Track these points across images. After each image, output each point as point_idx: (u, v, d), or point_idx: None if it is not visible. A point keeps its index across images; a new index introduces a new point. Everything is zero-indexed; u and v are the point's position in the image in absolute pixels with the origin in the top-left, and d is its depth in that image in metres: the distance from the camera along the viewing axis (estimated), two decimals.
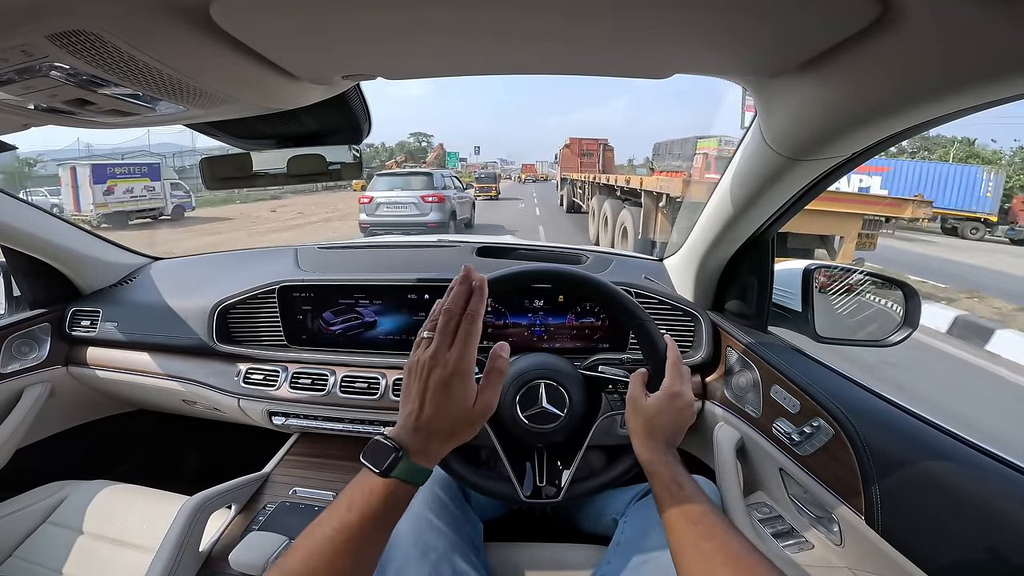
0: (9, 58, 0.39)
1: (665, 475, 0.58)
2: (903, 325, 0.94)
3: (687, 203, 5.11)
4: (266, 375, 1.15)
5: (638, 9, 0.40)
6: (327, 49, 0.49)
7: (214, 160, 0.90)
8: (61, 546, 0.98)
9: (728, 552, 0.47)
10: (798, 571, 0.73)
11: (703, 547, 0.49)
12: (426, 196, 8.28)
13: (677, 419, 0.65)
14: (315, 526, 0.44)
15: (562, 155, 17.86)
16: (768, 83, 0.57)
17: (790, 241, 5.14)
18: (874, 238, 5.23)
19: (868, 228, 5.14)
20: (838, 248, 5.22)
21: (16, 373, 1.20)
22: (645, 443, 0.63)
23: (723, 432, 0.97)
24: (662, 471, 0.59)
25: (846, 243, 5.12)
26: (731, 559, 0.47)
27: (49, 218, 1.22)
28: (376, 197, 8.35)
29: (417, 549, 0.70)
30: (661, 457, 0.61)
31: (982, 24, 0.34)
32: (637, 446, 0.64)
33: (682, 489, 0.56)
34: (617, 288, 0.74)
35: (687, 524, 0.52)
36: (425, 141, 49.71)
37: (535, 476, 0.77)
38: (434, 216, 8.25)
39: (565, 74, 0.58)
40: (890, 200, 5.57)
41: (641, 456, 0.63)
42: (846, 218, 4.98)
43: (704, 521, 0.52)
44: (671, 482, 0.57)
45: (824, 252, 5.38)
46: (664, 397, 0.65)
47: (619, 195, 7.63)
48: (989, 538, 0.54)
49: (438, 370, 0.47)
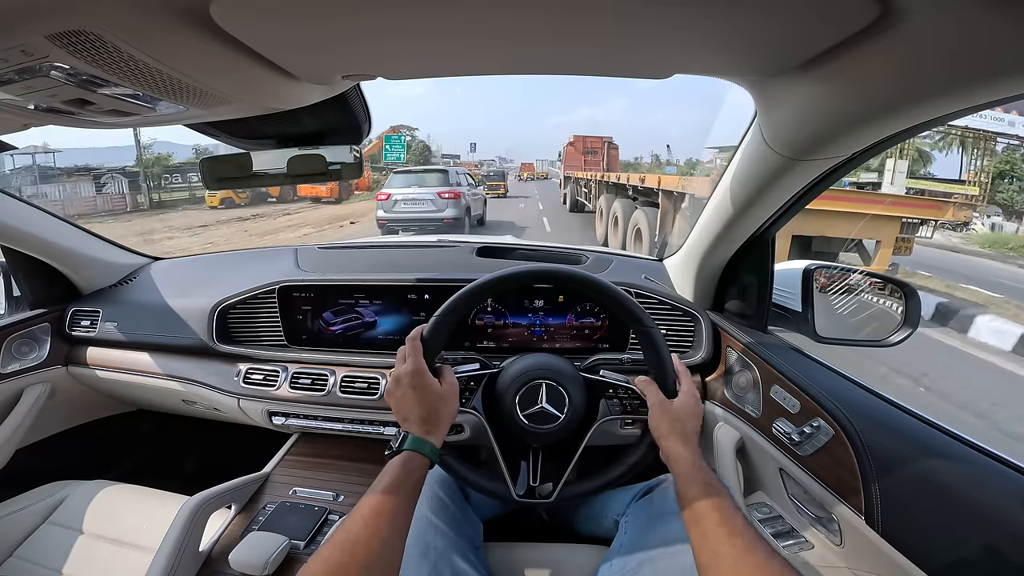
0: (9, 58, 0.39)
1: (704, 478, 0.61)
2: (903, 325, 0.93)
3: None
4: (266, 375, 1.15)
5: (638, 9, 0.40)
6: (327, 49, 0.49)
7: (214, 160, 0.90)
8: (61, 546, 0.98)
9: (768, 570, 0.49)
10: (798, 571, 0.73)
11: (747, 560, 0.50)
12: (442, 192, 8.35)
13: (698, 422, 0.71)
14: (354, 510, 0.54)
15: (566, 153, 17.49)
16: (768, 83, 0.57)
17: (815, 245, 4.77)
18: (911, 242, 4.90)
19: (906, 232, 4.78)
20: (873, 253, 4.88)
21: (16, 373, 1.20)
22: (684, 444, 0.67)
23: (723, 432, 0.97)
24: (701, 470, 0.62)
25: (882, 248, 4.79)
26: (760, 563, 0.49)
27: (49, 218, 1.22)
28: (393, 194, 8.42)
29: (417, 548, 0.70)
30: (698, 457, 0.65)
31: (982, 24, 0.35)
32: (677, 448, 0.66)
33: (720, 494, 0.58)
34: (625, 293, 0.74)
35: (728, 535, 0.53)
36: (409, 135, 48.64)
37: (529, 476, 0.77)
38: (450, 212, 8.32)
39: (565, 74, 0.58)
40: (931, 201, 5.27)
41: (681, 456, 0.65)
42: (884, 221, 4.63)
43: (745, 533, 0.53)
44: (709, 485, 0.59)
45: (855, 257, 5.06)
46: (690, 400, 0.72)
47: (631, 195, 7.25)
48: (988, 537, 0.54)
49: (405, 375, 0.66)
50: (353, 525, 0.52)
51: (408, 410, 0.65)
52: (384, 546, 0.51)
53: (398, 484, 0.57)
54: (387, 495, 0.55)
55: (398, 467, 0.59)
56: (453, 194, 8.41)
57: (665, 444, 0.68)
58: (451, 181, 8.67)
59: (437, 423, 0.65)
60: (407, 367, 0.67)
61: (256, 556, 0.83)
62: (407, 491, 0.58)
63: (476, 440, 1.09)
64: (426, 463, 0.62)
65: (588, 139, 17.55)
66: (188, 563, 0.84)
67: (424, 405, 0.65)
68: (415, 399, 0.65)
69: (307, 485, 1.08)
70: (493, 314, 1.13)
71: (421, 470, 0.61)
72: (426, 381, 0.66)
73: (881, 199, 4.91)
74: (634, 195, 7.11)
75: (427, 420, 0.65)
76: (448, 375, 0.70)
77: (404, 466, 0.59)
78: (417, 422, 0.64)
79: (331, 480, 1.10)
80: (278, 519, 0.96)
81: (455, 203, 8.38)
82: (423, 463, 0.62)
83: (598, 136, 17.81)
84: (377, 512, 0.53)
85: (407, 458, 0.60)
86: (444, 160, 40.64)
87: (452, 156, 53.48)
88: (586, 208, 12.11)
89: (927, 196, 6.51)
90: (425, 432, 0.64)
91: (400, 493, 0.56)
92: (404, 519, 0.56)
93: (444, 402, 0.67)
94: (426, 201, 8.33)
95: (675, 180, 5.53)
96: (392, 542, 0.53)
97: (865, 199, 4.86)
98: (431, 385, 0.66)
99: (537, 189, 23.10)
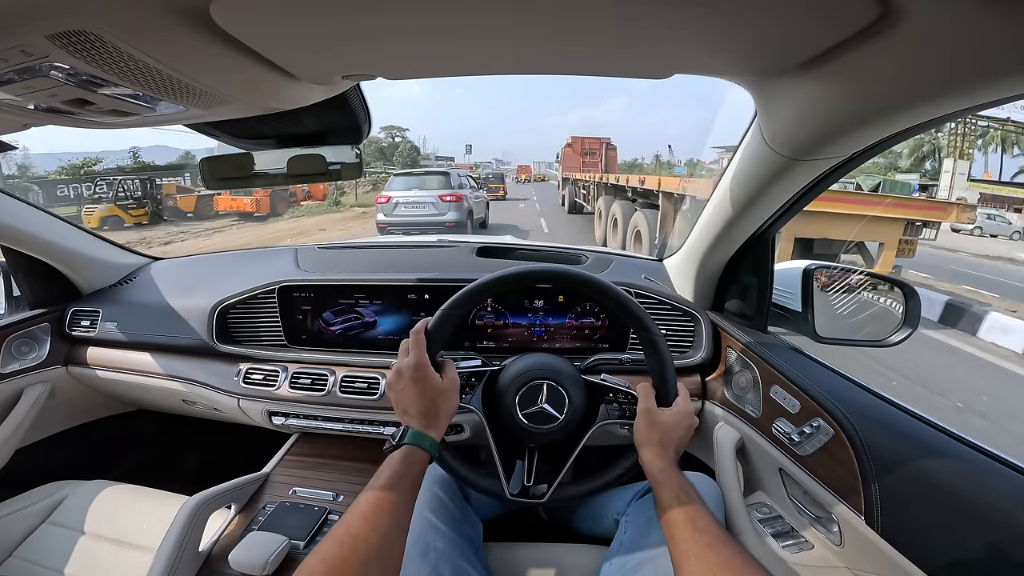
0: (9, 58, 0.39)
1: (675, 484, 0.62)
2: (903, 325, 0.94)
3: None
4: (266, 375, 1.15)
5: (638, 10, 0.40)
6: (327, 49, 0.49)
7: (214, 160, 0.90)
8: (61, 546, 0.98)
9: (732, 565, 0.50)
10: (798, 571, 0.73)
11: (708, 557, 0.51)
12: (444, 195, 8.09)
13: (686, 435, 0.72)
14: (353, 505, 0.54)
15: (564, 154, 17.43)
16: (768, 83, 0.57)
17: (816, 247, 4.73)
18: (914, 244, 4.90)
19: (909, 233, 4.76)
20: (876, 256, 4.88)
21: (16, 373, 1.20)
22: (659, 454, 0.67)
23: (723, 432, 0.97)
24: (673, 480, 0.63)
25: (886, 250, 4.78)
26: (724, 561, 0.50)
27: (49, 218, 1.22)
28: (394, 197, 8.17)
29: (417, 549, 0.70)
30: (672, 468, 0.66)
31: (982, 24, 0.35)
32: (649, 456, 0.67)
33: (691, 499, 0.59)
34: (628, 296, 0.74)
35: (694, 533, 0.55)
36: (399, 136, 46.51)
37: (524, 475, 0.77)
38: (452, 215, 8.07)
39: (565, 74, 0.58)
40: (934, 203, 5.25)
41: (652, 465, 0.66)
42: (888, 223, 4.62)
43: (710, 531, 0.55)
44: (680, 491, 0.60)
45: (858, 259, 5.04)
46: (680, 414, 0.71)
47: (630, 196, 7.30)
48: (988, 537, 0.54)
49: (407, 368, 0.66)
50: (353, 520, 0.52)
51: (408, 403, 0.65)
52: (384, 540, 0.51)
53: (398, 479, 0.57)
54: (387, 490, 0.55)
55: (398, 462, 0.59)
56: (455, 197, 8.16)
57: (641, 451, 0.69)
58: (453, 184, 8.42)
59: (437, 417, 0.65)
60: (410, 360, 0.66)
61: (256, 556, 0.83)
62: (407, 486, 0.57)
63: (476, 440, 1.09)
64: (426, 457, 0.62)
65: (586, 140, 17.57)
66: (188, 563, 0.84)
67: (425, 399, 0.65)
68: (416, 392, 0.65)
69: (307, 485, 1.08)
70: (493, 314, 1.13)
71: (421, 464, 0.61)
72: (428, 374, 0.66)
73: (882, 200, 4.81)
74: (633, 197, 7.13)
75: (427, 414, 0.64)
76: (450, 370, 0.70)
77: (404, 460, 0.59)
78: (417, 416, 0.64)
79: (331, 480, 1.10)
80: (278, 519, 0.96)
81: (457, 206, 8.14)
82: (423, 457, 0.61)
83: (596, 137, 17.85)
84: (377, 507, 0.53)
85: (407, 452, 0.60)
86: (437, 163, 39.34)
87: (446, 158, 50.23)
88: (584, 210, 12.08)
89: (929, 199, 6.40)
90: (425, 426, 0.63)
91: (400, 488, 0.56)
92: (405, 513, 0.56)
93: (445, 397, 0.67)
94: (427, 204, 8.07)
95: (676, 182, 5.56)
96: (392, 536, 0.52)
97: (867, 201, 4.78)
98: (433, 379, 0.66)
99: (535, 191, 22.97)
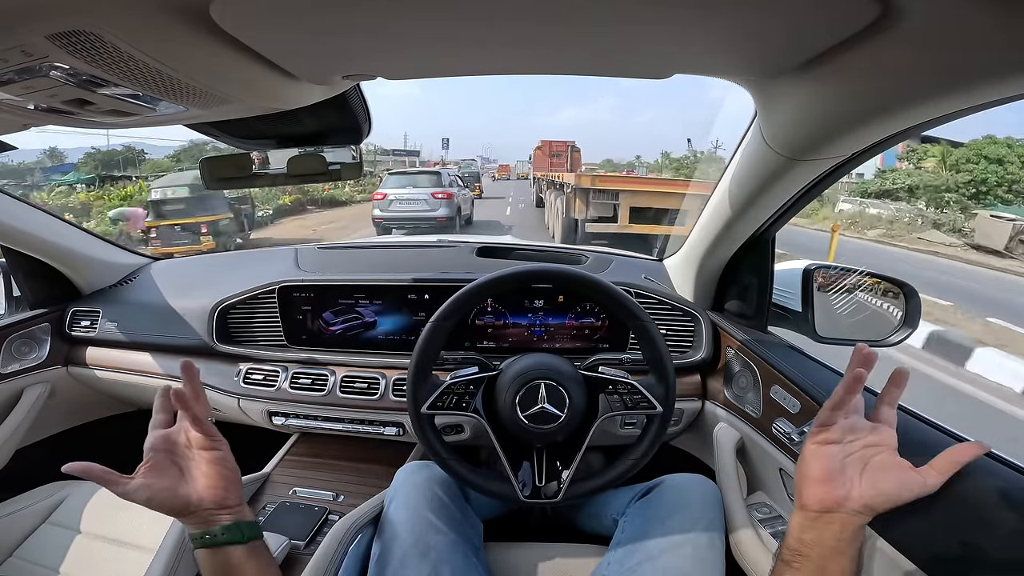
0: (9, 58, 0.39)
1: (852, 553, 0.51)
2: (903, 325, 0.94)
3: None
4: (266, 375, 1.15)
5: (638, 10, 0.40)
6: (327, 49, 0.49)
7: (214, 160, 0.90)
8: (61, 546, 0.98)
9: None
10: None
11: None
12: (436, 193, 8.89)
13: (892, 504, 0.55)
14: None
15: (535, 156, 19.95)
16: (768, 83, 0.57)
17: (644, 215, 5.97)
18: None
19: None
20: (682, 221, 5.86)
21: (16, 373, 1.20)
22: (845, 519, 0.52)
23: (723, 432, 0.97)
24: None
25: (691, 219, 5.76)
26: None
27: (49, 218, 1.22)
28: (389, 194, 8.94)
29: (417, 549, 0.70)
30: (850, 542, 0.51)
31: (981, 24, 0.34)
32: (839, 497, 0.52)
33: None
34: (624, 293, 0.74)
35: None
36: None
37: (534, 476, 0.77)
38: (443, 211, 8.84)
39: (565, 74, 0.58)
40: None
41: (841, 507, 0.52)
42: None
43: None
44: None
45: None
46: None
47: (560, 188, 8.88)
48: (987, 537, 0.54)
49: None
50: None
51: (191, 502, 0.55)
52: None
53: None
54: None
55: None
56: (446, 194, 8.95)
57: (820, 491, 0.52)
58: (444, 182, 9.29)
59: (229, 495, 0.57)
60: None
61: None
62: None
63: (476, 440, 1.09)
64: (258, 545, 0.55)
65: (554, 143, 20.77)
66: (188, 563, 0.84)
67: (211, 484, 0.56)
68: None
69: (307, 485, 1.08)
70: (493, 314, 1.13)
71: (257, 554, 0.55)
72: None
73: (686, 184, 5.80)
74: (560, 187, 8.83)
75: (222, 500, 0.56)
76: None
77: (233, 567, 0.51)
78: (214, 508, 0.56)
79: (331, 480, 1.10)
80: (278, 519, 0.96)
81: (447, 203, 8.93)
82: (252, 548, 0.54)
83: (562, 141, 20.99)
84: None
85: (229, 555, 0.53)
86: (394, 157, 38.42)
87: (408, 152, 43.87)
88: (544, 203, 14.11)
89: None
90: (229, 513, 0.56)
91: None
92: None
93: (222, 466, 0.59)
94: (420, 201, 8.82)
95: (573, 176, 7.54)
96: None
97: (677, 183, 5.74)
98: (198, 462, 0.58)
99: (513, 189, 23.59)
